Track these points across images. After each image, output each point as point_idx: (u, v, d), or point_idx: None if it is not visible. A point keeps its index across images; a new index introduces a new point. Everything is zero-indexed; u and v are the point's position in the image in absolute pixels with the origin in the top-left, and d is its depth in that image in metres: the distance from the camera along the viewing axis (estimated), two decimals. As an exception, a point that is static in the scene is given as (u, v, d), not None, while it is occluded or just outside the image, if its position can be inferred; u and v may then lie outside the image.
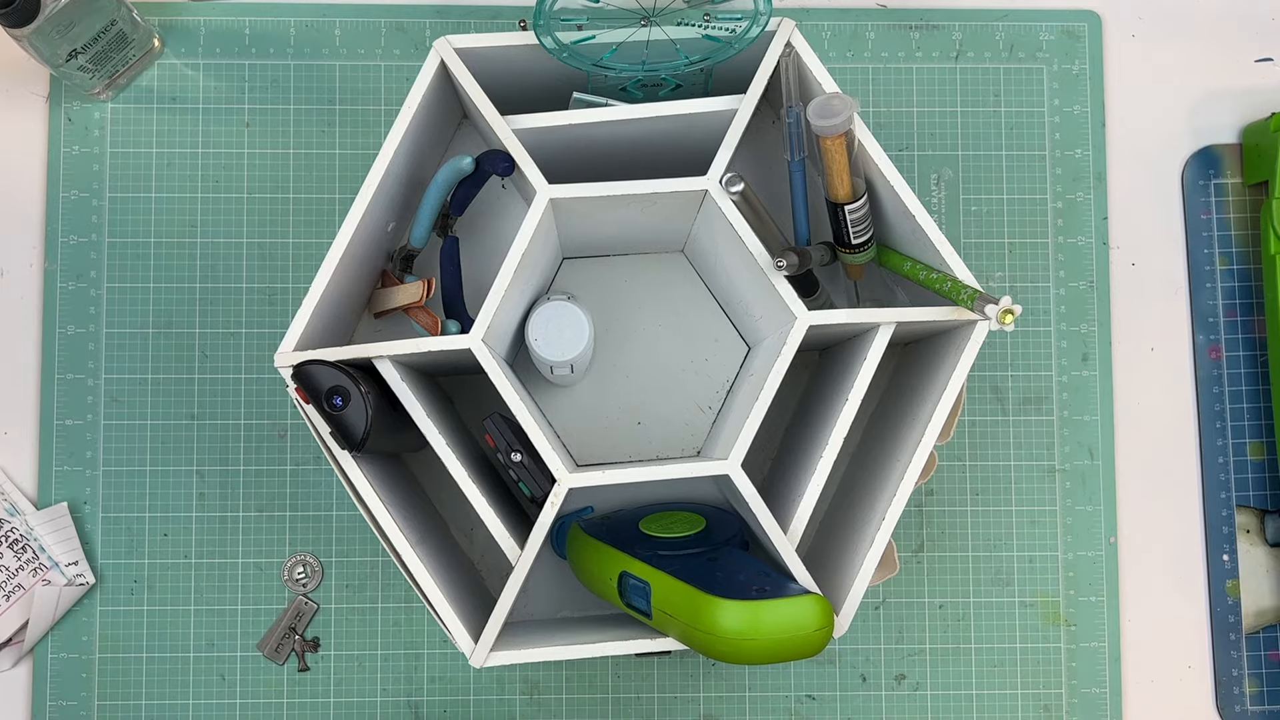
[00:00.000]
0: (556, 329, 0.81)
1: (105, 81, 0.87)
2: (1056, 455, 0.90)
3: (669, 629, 0.72)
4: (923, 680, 0.89)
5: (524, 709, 0.88)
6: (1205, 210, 0.91)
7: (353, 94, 0.90)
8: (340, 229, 0.76)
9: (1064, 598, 0.89)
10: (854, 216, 0.77)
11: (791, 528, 0.76)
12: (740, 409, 0.79)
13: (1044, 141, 0.91)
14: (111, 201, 0.88)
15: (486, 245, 0.88)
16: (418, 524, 0.80)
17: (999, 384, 0.90)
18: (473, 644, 0.75)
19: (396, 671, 0.87)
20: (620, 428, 0.88)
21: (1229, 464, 0.90)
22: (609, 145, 0.80)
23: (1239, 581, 0.90)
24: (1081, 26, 0.92)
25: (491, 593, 0.88)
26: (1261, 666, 0.89)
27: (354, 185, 0.77)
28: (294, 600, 0.87)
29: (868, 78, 0.91)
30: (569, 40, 0.75)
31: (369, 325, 0.88)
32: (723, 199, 0.76)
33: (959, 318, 0.76)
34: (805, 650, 0.69)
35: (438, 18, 0.90)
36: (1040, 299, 0.90)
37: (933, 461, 0.79)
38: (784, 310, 0.76)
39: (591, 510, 0.86)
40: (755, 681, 0.89)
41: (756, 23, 0.75)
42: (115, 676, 0.86)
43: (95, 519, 0.87)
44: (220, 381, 0.88)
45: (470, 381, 0.87)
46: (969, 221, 0.91)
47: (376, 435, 0.73)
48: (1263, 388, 0.90)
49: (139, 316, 0.88)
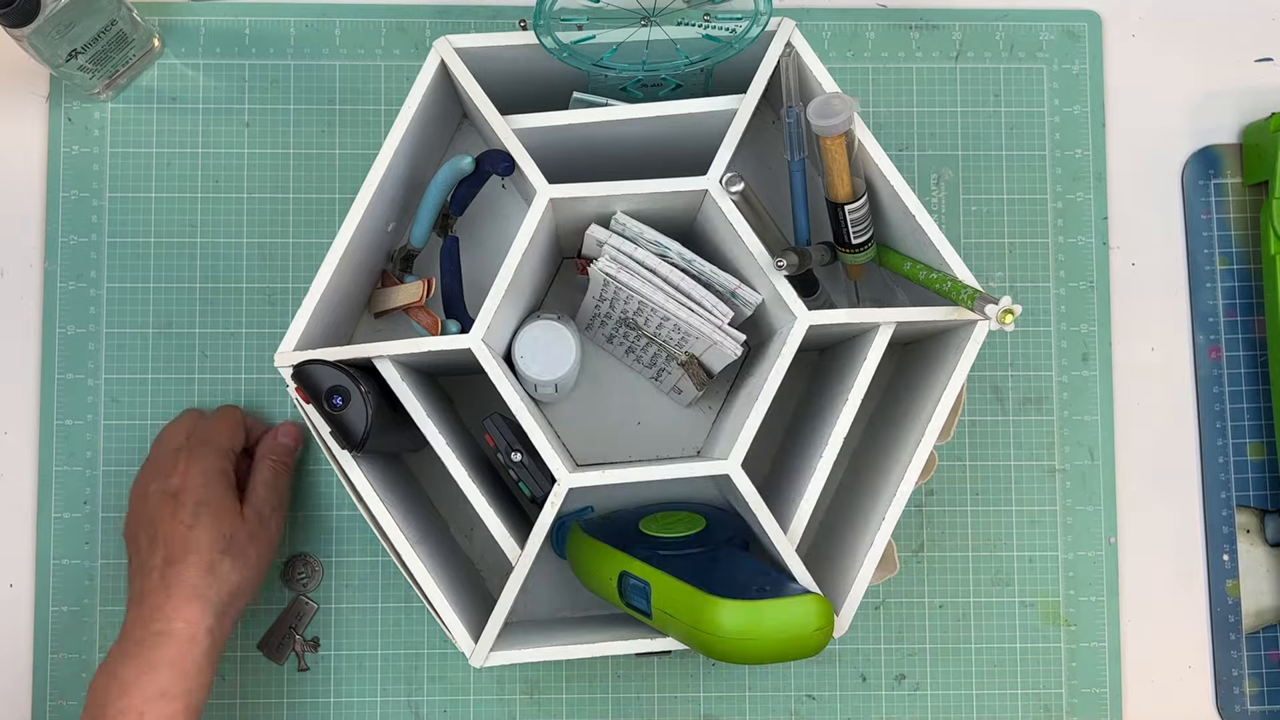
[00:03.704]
0: (544, 348, 0.81)
1: (105, 81, 0.87)
2: (1056, 455, 0.90)
3: (669, 629, 0.72)
4: (923, 680, 0.89)
5: (524, 709, 0.88)
6: (1205, 210, 0.91)
7: (353, 94, 0.90)
8: (340, 229, 0.76)
9: (1064, 598, 0.89)
10: (854, 216, 0.77)
11: (791, 528, 0.76)
12: (740, 409, 0.79)
13: (1044, 141, 0.91)
14: (111, 201, 0.88)
15: (486, 245, 0.88)
16: (418, 524, 0.80)
17: (999, 384, 0.90)
18: (473, 644, 0.75)
19: (396, 671, 0.87)
20: (620, 428, 0.88)
21: (1229, 464, 0.90)
22: (609, 145, 0.80)
23: (1239, 581, 0.90)
24: (1081, 26, 0.92)
25: (491, 593, 0.88)
26: (1261, 666, 0.89)
27: (354, 185, 0.77)
28: (294, 600, 0.87)
29: (868, 78, 0.91)
30: (569, 40, 0.75)
31: (369, 325, 0.88)
32: (723, 199, 0.76)
33: (959, 318, 0.76)
34: (805, 650, 0.69)
35: (438, 18, 0.90)
36: (1040, 299, 0.90)
37: (933, 461, 0.79)
38: (784, 310, 0.76)
39: (591, 510, 0.86)
40: (755, 681, 0.89)
41: (756, 23, 0.75)
42: (115, 676, 0.86)
43: (95, 519, 0.87)
44: (220, 381, 0.88)
45: (470, 381, 0.87)
46: (969, 221, 0.91)
47: (376, 435, 0.73)
48: (1263, 388, 0.90)
49: (139, 316, 0.88)
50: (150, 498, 0.79)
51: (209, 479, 0.79)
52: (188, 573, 0.76)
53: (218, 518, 0.78)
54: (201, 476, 0.79)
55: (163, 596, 0.75)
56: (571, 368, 0.81)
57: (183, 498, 0.78)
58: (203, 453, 0.80)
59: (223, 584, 0.77)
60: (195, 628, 0.75)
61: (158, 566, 0.77)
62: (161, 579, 0.76)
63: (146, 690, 0.72)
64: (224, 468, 0.81)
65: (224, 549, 0.78)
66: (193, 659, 0.74)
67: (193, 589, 0.76)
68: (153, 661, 0.73)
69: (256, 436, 0.86)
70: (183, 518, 0.77)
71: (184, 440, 0.83)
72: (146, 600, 0.76)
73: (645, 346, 0.84)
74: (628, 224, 0.78)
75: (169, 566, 0.76)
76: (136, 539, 0.79)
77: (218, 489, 0.79)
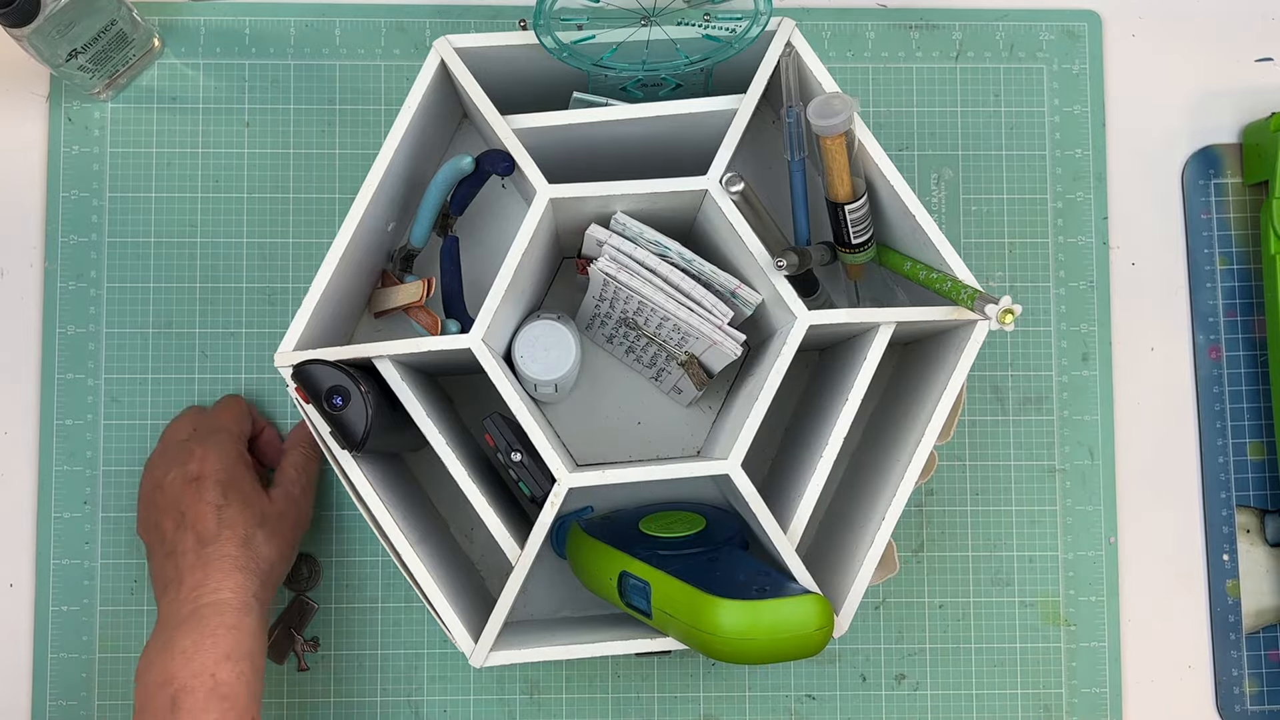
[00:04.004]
0: (544, 348, 0.81)
1: (105, 81, 0.87)
2: (1056, 455, 0.90)
3: (669, 629, 0.72)
4: (923, 680, 0.89)
5: (524, 709, 0.88)
6: (1205, 210, 0.91)
7: (353, 94, 0.90)
8: (340, 229, 0.76)
9: (1064, 597, 0.89)
10: (854, 216, 0.77)
11: (791, 528, 0.76)
12: (740, 409, 0.79)
13: (1044, 141, 0.91)
14: (111, 201, 0.88)
15: (486, 245, 0.88)
16: (418, 524, 0.80)
17: (999, 384, 0.90)
18: (473, 644, 0.75)
19: (396, 671, 0.87)
20: (620, 427, 0.88)
21: (1229, 464, 0.90)
22: (609, 145, 0.80)
23: (1239, 581, 0.90)
24: (1081, 26, 0.92)
25: (491, 593, 0.88)
26: (1261, 666, 0.89)
27: (354, 185, 0.77)
28: (294, 600, 0.87)
29: (868, 78, 0.91)
30: (569, 40, 0.75)
31: (369, 325, 0.88)
32: (723, 199, 0.76)
33: (959, 318, 0.76)
34: (805, 650, 0.69)
35: (438, 17, 0.90)
36: (1040, 299, 0.90)
37: (933, 461, 0.79)
38: (784, 310, 0.76)
39: (591, 510, 0.86)
40: (755, 681, 0.89)
41: (756, 22, 0.75)
42: (115, 676, 0.86)
43: (95, 519, 0.87)
44: (220, 381, 0.88)
45: (470, 381, 0.87)
46: (969, 221, 0.91)
47: (376, 435, 0.73)
48: (1263, 388, 0.90)
49: (139, 316, 0.88)
50: (170, 485, 0.79)
51: (228, 462, 0.79)
52: (225, 548, 0.76)
53: (246, 496, 0.78)
54: (221, 460, 0.79)
55: (202, 574, 0.75)
56: (571, 368, 0.81)
57: (206, 481, 0.78)
58: (217, 439, 0.80)
59: (260, 556, 0.77)
60: (243, 594, 0.75)
61: (191, 548, 0.76)
62: (198, 558, 0.75)
63: (212, 653, 0.72)
64: (240, 451, 0.81)
65: (258, 523, 0.78)
66: (248, 624, 0.74)
67: (233, 561, 0.75)
68: (210, 628, 0.72)
69: (261, 426, 0.86)
70: (211, 498, 0.77)
71: (191, 431, 0.83)
72: (185, 580, 0.75)
73: (645, 346, 0.84)
74: (628, 224, 0.78)
75: (204, 546, 0.76)
76: (160, 527, 0.79)
77: (239, 470, 0.79)
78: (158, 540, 0.79)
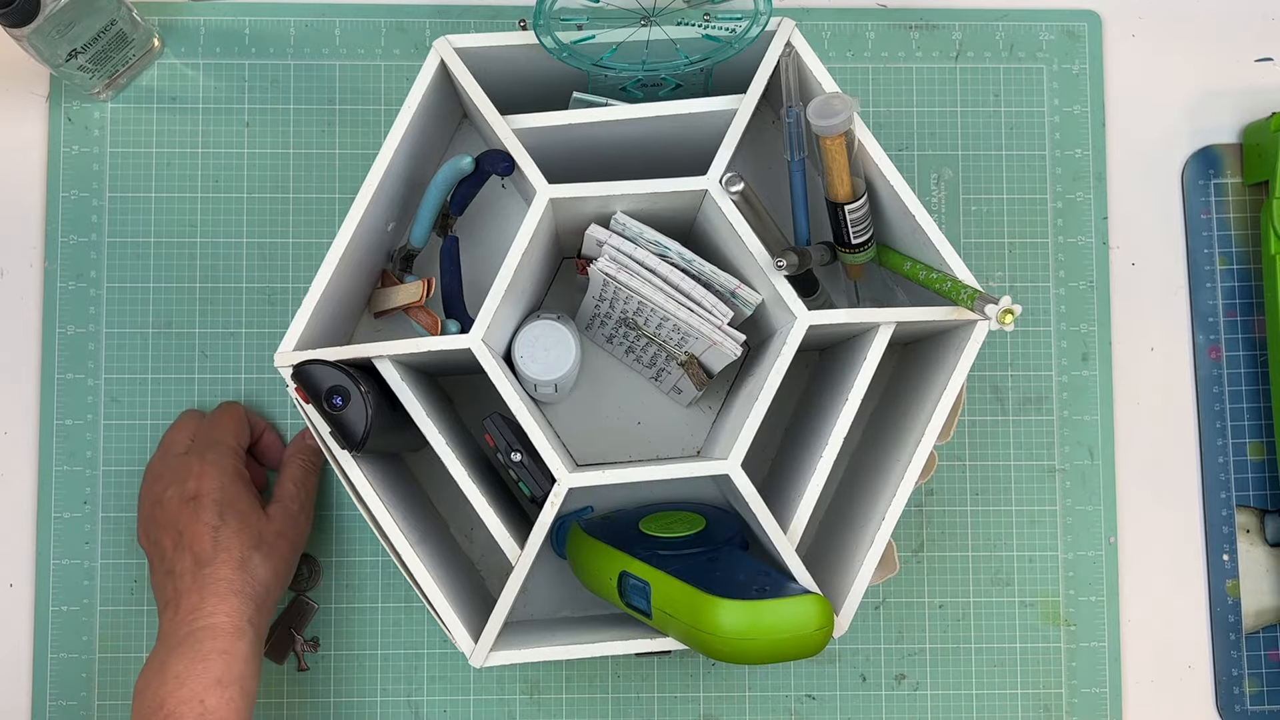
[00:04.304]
0: (544, 348, 0.81)
1: (105, 81, 0.87)
2: (1056, 455, 0.90)
3: (669, 629, 0.72)
4: (923, 680, 0.89)
5: (524, 709, 0.88)
6: (1205, 210, 0.91)
7: (353, 94, 0.90)
8: (340, 229, 0.76)
9: (1064, 597, 0.89)
10: (854, 216, 0.77)
11: (791, 528, 0.76)
12: (740, 409, 0.79)
13: (1044, 141, 0.91)
14: (111, 201, 0.88)
15: (486, 245, 0.88)
16: (418, 524, 0.80)
17: (999, 384, 0.90)
18: (473, 644, 0.75)
19: (396, 671, 0.87)
20: (620, 427, 0.88)
21: (1229, 464, 0.90)
22: (609, 145, 0.80)
23: (1239, 581, 0.90)
24: (1081, 26, 0.92)
25: (491, 593, 0.88)
26: (1261, 666, 0.89)
27: (354, 185, 0.77)
28: (294, 600, 0.87)
29: (868, 78, 0.91)
30: (569, 40, 0.75)
31: (369, 325, 0.88)
32: (723, 199, 0.76)
33: (959, 318, 0.76)
34: (805, 650, 0.69)
35: (438, 17, 0.90)
36: (1040, 299, 0.90)
37: (933, 461, 0.79)
38: (784, 310, 0.76)
39: (591, 510, 0.86)
40: (755, 681, 0.89)
41: (756, 22, 0.75)
42: (115, 676, 0.86)
43: (95, 519, 0.87)
44: (220, 381, 0.88)
45: (470, 381, 0.87)
46: (969, 221, 0.91)
47: (376, 435, 0.73)
48: (1263, 388, 0.90)
49: (139, 316, 0.88)
50: (168, 503, 0.79)
51: (226, 480, 0.79)
52: (221, 571, 0.76)
53: (244, 516, 0.78)
54: (218, 478, 0.79)
55: (198, 597, 0.75)
56: (571, 368, 0.81)
57: (203, 500, 0.78)
58: (215, 454, 0.80)
59: (256, 579, 0.77)
60: (237, 619, 0.75)
61: (188, 569, 0.77)
62: (194, 580, 0.76)
63: (202, 679, 0.72)
64: (238, 467, 0.81)
65: (254, 545, 0.78)
66: (240, 649, 0.74)
67: (228, 585, 0.76)
68: (202, 653, 0.73)
69: (259, 432, 0.86)
70: (208, 519, 0.77)
71: (189, 443, 0.83)
72: (182, 603, 0.76)
73: (645, 346, 0.84)
74: (628, 224, 0.78)
75: (200, 568, 0.76)
76: (160, 543, 0.79)
77: (236, 489, 0.79)
78: (157, 557, 0.80)
